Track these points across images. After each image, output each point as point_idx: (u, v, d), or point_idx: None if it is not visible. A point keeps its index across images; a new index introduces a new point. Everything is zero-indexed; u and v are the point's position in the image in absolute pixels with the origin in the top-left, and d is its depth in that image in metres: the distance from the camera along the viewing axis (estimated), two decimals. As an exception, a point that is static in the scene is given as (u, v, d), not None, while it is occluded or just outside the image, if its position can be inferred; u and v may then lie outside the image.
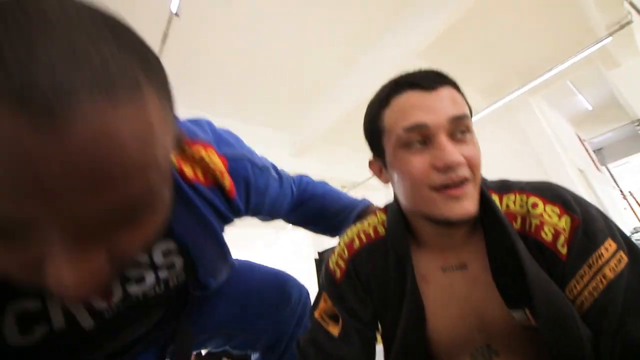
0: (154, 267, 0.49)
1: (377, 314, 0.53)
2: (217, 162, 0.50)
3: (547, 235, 0.43)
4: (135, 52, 0.27)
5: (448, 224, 0.44)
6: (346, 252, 0.56)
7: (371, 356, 0.51)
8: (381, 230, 0.56)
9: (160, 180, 0.29)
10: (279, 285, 0.80)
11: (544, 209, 0.45)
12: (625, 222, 7.21)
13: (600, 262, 0.40)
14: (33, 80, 0.20)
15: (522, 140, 5.65)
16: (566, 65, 3.88)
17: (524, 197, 0.48)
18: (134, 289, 0.47)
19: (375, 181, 6.90)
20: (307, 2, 3.49)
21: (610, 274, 0.39)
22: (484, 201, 0.48)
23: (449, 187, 0.44)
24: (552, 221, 0.44)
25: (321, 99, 5.15)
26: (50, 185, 0.22)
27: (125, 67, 0.25)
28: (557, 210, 0.44)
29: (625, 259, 0.40)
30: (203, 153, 0.48)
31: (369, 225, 0.58)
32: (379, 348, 0.50)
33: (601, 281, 0.39)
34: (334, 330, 0.49)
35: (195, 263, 0.53)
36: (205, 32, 3.58)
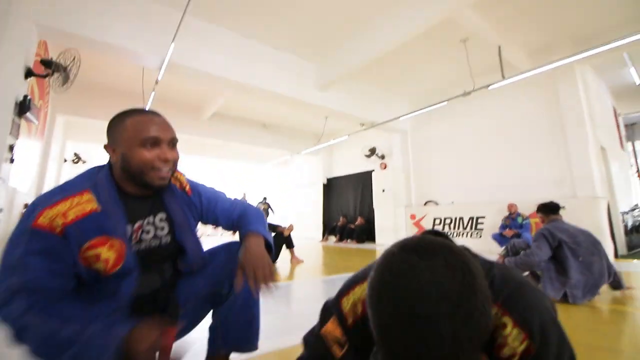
0: (155, 226, 0.95)
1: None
2: (184, 180, 1.07)
3: (504, 353, 0.53)
4: None
5: None
6: (360, 308, 0.65)
7: None
8: None
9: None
10: (226, 246, 1.11)
11: (511, 332, 0.52)
12: (633, 200, 7.37)
13: None
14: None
15: (554, 108, 5.48)
16: (633, 39, 3.57)
17: (499, 314, 0.54)
18: (144, 236, 0.93)
19: (394, 123, 6.92)
20: None
21: None
22: None
23: None
24: (513, 345, 0.52)
25: (356, 35, 4.92)
26: (163, 127, 0.89)
27: None
28: (522, 336, 0.52)
29: None
30: (178, 175, 1.06)
31: None
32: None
33: None
34: (337, 352, 0.64)
35: (175, 228, 0.98)
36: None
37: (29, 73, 3.67)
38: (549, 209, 2.66)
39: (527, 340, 0.52)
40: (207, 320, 1.10)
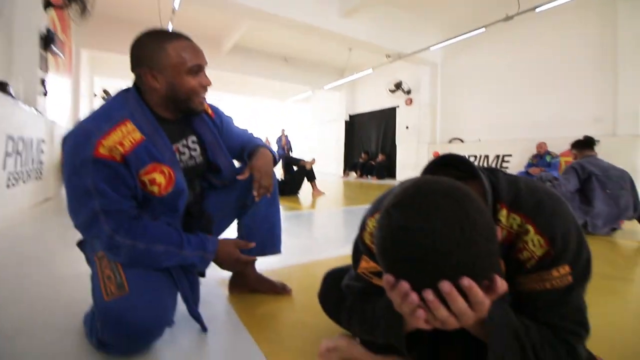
0: (188, 148, 1.01)
1: None
2: (205, 103, 1.05)
3: (523, 256, 0.57)
4: None
5: None
6: None
7: None
8: None
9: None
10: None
11: (532, 238, 0.56)
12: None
13: (547, 277, 0.55)
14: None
15: (609, 33, 4.84)
16: None
17: (523, 222, 0.57)
18: (182, 157, 0.99)
19: (424, 55, 6.45)
20: None
21: (548, 286, 0.55)
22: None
23: None
24: (532, 249, 0.56)
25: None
26: (201, 53, 0.93)
27: None
28: (542, 241, 0.55)
29: (569, 281, 0.54)
30: (205, 104, 1.05)
31: None
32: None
33: (540, 286, 0.56)
34: (378, 282, 0.66)
35: (206, 149, 1.04)
36: None
37: (47, 4, 3.61)
38: (583, 144, 2.64)
39: (547, 246, 0.55)
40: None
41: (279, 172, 5.56)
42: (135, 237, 0.82)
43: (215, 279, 1.35)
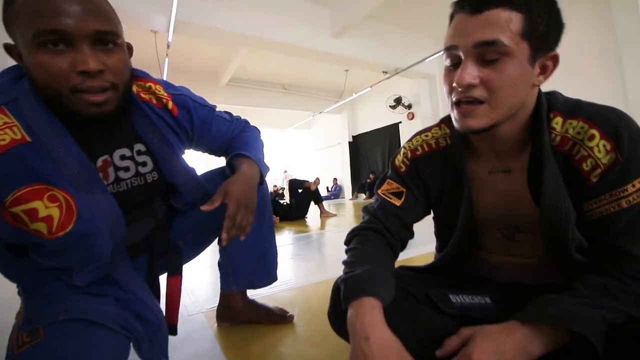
0: (134, 161, 0.68)
1: (432, 203, 0.72)
2: (163, 93, 0.71)
3: (586, 166, 0.51)
4: None
5: (465, 132, 0.57)
6: (410, 155, 0.72)
7: (416, 217, 0.73)
8: (442, 142, 0.69)
9: (121, 35, 0.58)
10: (221, 172, 0.91)
11: (598, 143, 0.50)
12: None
13: (621, 194, 0.48)
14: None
15: (607, 27, 4.75)
16: None
17: (586, 127, 0.52)
18: (122, 174, 0.67)
19: (420, 67, 6.43)
20: None
21: (624, 205, 0.48)
22: (539, 125, 0.55)
23: (459, 104, 0.53)
24: (598, 156, 0.49)
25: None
26: (75, 8, 0.49)
27: None
28: (608, 146, 0.49)
29: None
30: (152, 86, 0.71)
31: (432, 138, 0.70)
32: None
33: (615, 207, 0.49)
34: (397, 202, 0.70)
35: (159, 164, 0.72)
36: None
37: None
38: None
39: (613, 152, 0.49)
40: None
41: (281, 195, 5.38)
42: None
43: (199, 309, 1.14)
